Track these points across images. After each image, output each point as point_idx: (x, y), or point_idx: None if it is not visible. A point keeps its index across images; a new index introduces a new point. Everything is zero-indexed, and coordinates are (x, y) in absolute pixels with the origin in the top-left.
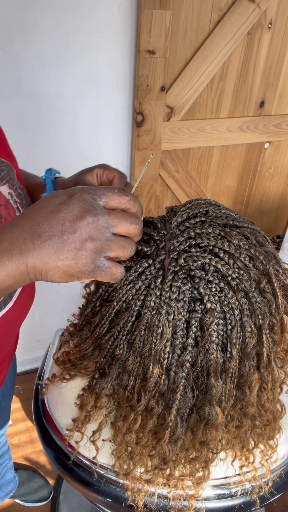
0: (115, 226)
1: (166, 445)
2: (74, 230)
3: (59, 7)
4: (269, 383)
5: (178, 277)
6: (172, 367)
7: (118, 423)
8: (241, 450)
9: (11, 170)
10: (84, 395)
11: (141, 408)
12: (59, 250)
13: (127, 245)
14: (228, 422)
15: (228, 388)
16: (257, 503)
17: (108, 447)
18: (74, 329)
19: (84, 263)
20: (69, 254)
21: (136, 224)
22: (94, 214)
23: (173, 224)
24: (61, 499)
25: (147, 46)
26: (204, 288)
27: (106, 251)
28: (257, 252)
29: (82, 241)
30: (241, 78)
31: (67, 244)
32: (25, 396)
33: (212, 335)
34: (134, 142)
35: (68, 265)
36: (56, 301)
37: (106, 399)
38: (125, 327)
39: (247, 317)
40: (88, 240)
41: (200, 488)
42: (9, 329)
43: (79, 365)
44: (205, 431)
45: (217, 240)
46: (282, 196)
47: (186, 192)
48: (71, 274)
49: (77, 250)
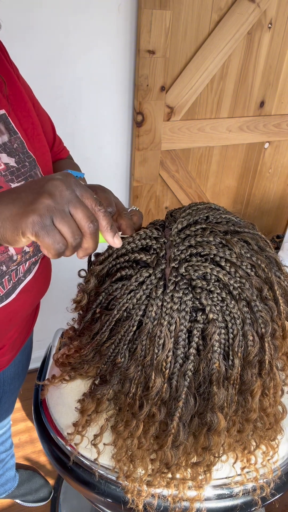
0: (75, 207)
1: (168, 451)
2: (41, 185)
3: (59, 7)
4: (271, 389)
5: (180, 287)
6: (174, 376)
7: (120, 428)
8: (243, 452)
9: (35, 167)
10: (85, 400)
11: (144, 416)
12: (18, 198)
13: (76, 233)
14: (230, 427)
15: (230, 395)
16: (258, 504)
17: (108, 449)
18: (74, 333)
19: (32, 213)
20: (23, 202)
21: (92, 223)
22: (67, 185)
23: (173, 232)
24: (61, 499)
25: (147, 46)
26: (206, 298)
27: (56, 217)
28: (259, 260)
29: (41, 193)
30: (241, 78)
31: (28, 193)
32: (25, 396)
33: (214, 345)
34: (134, 142)
35: (18, 213)
36: (56, 301)
37: (107, 403)
38: (126, 336)
39: (249, 326)
40: (47, 195)
41: (202, 491)
42: (9, 319)
43: (79, 369)
44: (208, 437)
45: (218, 249)
46: (282, 196)
47: (186, 192)
48: (17, 225)
49: (33, 199)
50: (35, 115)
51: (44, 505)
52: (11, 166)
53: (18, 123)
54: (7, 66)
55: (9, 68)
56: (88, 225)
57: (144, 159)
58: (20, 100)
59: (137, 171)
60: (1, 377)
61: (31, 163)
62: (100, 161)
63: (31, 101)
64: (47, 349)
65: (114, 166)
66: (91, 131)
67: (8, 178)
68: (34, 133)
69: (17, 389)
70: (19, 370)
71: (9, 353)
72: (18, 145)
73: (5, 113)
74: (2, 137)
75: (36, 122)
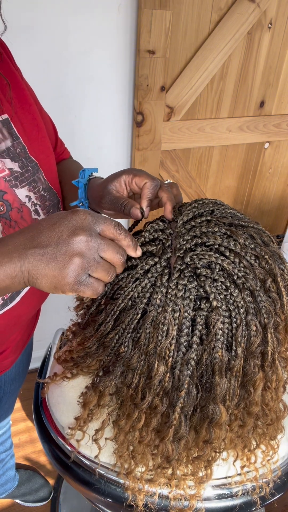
0: (104, 250)
1: (169, 444)
2: (68, 244)
3: (59, 7)
4: (273, 382)
5: (184, 275)
6: (177, 365)
7: (121, 421)
8: (243, 450)
9: (38, 171)
10: (88, 393)
11: (145, 406)
12: (51, 259)
13: (110, 270)
14: (231, 421)
15: (233, 386)
16: (257, 503)
17: (109, 446)
18: (78, 328)
19: (69, 276)
20: (58, 264)
21: (121, 255)
22: (89, 235)
23: (179, 223)
24: (61, 499)
25: (147, 46)
26: (210, 286)
27: (91, 270)
28: (263, 251)
29: (72, 255)
30: (241, 78)
31: (59, 255)
32: (25, 396)
33: (217, 333)
34: (134, 142)
35: (55, 275)
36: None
37: (109, 398)
38: (130, 325)
39: (252, 315)
40: (77, 255)
41: (202, 488)
42: (14, 322)
43: (82, 363)
44: (209, 430)
45: (223, 239)
46: (282, 196)
47: (186, 192)
48: (56, 285)
49: (66, 262)
50: (40, 118)
51: (44, 505)
52: (15, 171)
53: (20, 127)
54: (12, 68)
55: (14, 71)
56: (118, 258)
57: (144, 159)
58: (24, 102)
59: None
60: (2, 378)
61: (34, 167)
62: (100, 161)
63: (35, 103)
64: (47, 348)
65: (114, 166)
66: (91, 131)
67: (12, 183)
68: (39, 136)
69: (18, 389)
70: (20, 371)
71: (12, 355)
72: (20, 150)
73: (7, 118)
74: (6, 142)
75: (41, 125)
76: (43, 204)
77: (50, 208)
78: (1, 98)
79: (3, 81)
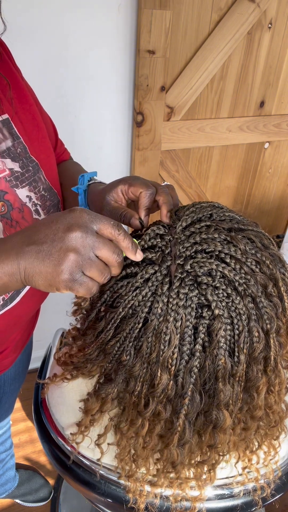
0: (99, 249)
1: (174, 449)
2: (62, 240)
3: (59, 7)
4: (276, 386)
5: (185, 284)
6: (180, 373)
7: (124, 428)
8: (244, 451)
9: (38, 171)
10: (90, 400)
11: (149, 414)
12: (46, 256)
13: (104, 271)
14: (235, 424)
15: (236, 392)
16: (258, 504)
17: (110, 449)
18: (77, 333)
19: (63, 273)
20: (52, 261)
21: (117, 255)
22: (85, 232)
23: (177, 229)
24: (61, 499)
25: (147, 46)
26: (212, 294)
27: (85, 268)
28: (263, 257)
29: (66, 251)
30: (241, 78)
31: (54, 252)
32: (25, 396)
33: (220, 341)
34: (134, 142)
35: (49, 272)
36: (56, 301)
37: (111, 403)
38: (132, 333)
39: (254, 322)
40: (72, 251)
41: (204, 490)
42: (14, 323)
43: (83, 368)
44: (213, 435)
45: (223, 246)
46: (282, 196)
47: (186, 192)
48: (51, 282)
49: (60, 258)
50: (40, 118)
51: (44, 505)
52: (15, 171)
53: (21, 127)
54: (12, 69)
55: (14, 71)
56: (114, 258)
57: (144, 159)
58: (25, 102)
59: (137, 171)
60: (2, 378)
61: (35, 167)
62: (100, 161)
63: (35, 103)
64: (47, 349)
65: (114, 166)
66: (91, 131)
67: (13, 183)
68: (39, 136)
69: (17, 389)
70: (20, 371)
71: (12, 355)
72: (21, 149)
73: (8, 118)
74: (6, 142)
75: (41, 125)
76: (44, 204)
77: (51, 208)
78: (2, 98)
79: (3, 81)
